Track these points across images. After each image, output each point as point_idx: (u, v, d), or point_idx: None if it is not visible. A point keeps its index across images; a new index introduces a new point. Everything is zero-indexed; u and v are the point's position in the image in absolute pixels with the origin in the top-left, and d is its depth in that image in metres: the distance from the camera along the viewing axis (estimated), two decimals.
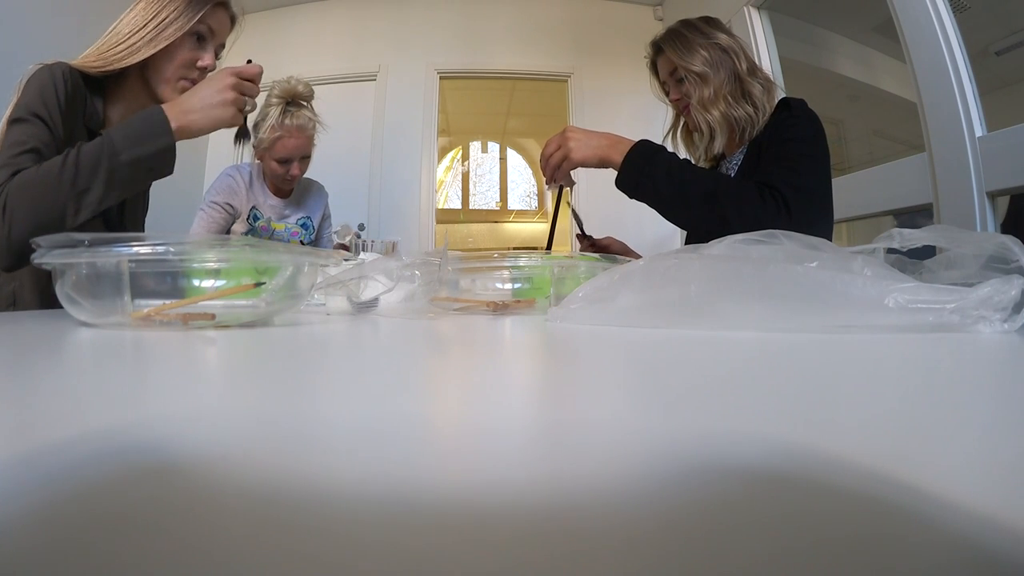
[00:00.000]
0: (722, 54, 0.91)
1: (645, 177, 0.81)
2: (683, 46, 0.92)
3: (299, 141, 1.25)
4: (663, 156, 0.82)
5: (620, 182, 0.84)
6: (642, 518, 0.09)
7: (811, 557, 0.08)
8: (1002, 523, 0.08)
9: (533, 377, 0.26)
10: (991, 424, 0.15)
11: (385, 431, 0.14)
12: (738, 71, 0.90)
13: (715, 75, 0.90)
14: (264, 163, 1.29)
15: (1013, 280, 0.34)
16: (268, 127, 1.23)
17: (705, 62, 0.90)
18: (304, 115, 1.25)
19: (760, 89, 0.90)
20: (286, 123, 1.23)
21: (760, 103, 0.90)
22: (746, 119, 0.89)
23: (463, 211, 5.80)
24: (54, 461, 0.11)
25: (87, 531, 0.08)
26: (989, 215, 1.21)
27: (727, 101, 0.89)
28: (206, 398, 0.19)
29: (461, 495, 0.10)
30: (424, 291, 0.58)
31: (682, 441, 0.13)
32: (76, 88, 0.71)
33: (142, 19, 0.75)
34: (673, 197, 0.80)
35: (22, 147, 0.64)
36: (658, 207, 0.83)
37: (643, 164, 0.81)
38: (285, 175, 1.28)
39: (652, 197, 0.82)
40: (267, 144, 1.24)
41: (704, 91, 0.90)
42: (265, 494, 0.10)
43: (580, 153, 0.85)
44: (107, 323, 0.42)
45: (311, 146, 1.29)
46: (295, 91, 1.25)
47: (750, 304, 0.38)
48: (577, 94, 2.78)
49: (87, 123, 0.74)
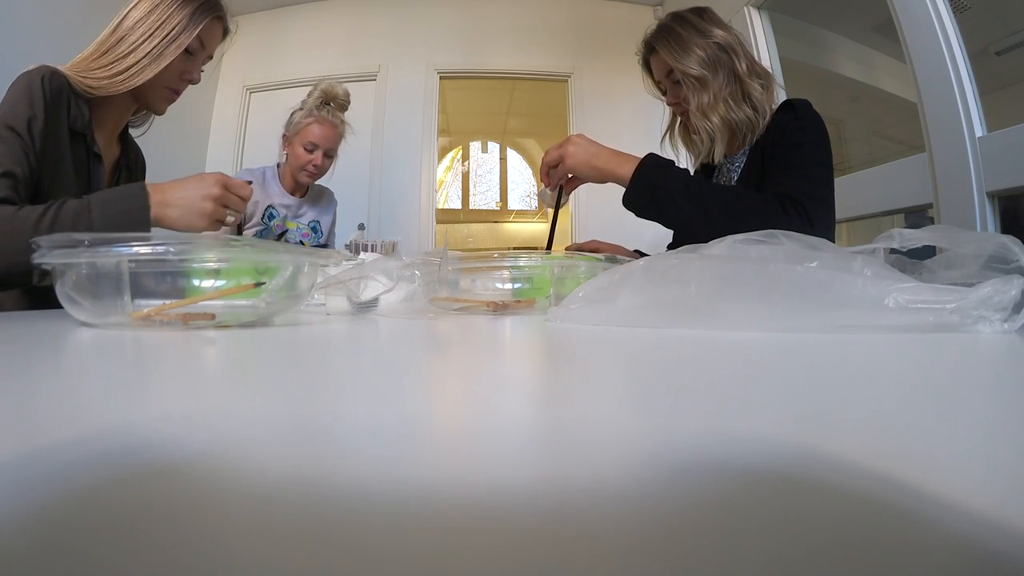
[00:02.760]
0: (720, 52, 0.86)
1: (660, 191, 0.76)
2: (678, 46, 0.87)
3: (328, 131, 1.31)
4: (677, 171, 0.78)
5: (629, 199, 0.79)
6: (642, 518, 0.09)
7: (811, 557, 0.08)
8: (1002, 523, 0.08)
9: (533, 377, 0.25)
10: (991, 424, 0.15)
11: (386, 431, 0.14)
12: (737, 70, 0.86)
13: (714, 77, 0.85)
14: (291, 150, 1.33)
15: (1013, 280, 0.34)
16: (304, 112, 1.30)
17: (703, 63, 0.85)
18: (338, 115, 1.33)
19: (760, 90, 0.87)
20: (321, 113, 1.30)
21: (760, 104, 0.86)
22: (746, 122, 0.86)
23: (463, 211, 5.80)
24: (54, 461, 0.11)
25: (87, 531, 0.08)
26: (989, 215, 1.21)
27: (727, 104, 0.85)
28: (206, 398, 0.19)
29: (461, 495, 0.10)
30: (424, 291, 0.58)
31: (682, 441, 0.13)
32: (59, 91, 0.70)
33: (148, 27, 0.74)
34: (694, 214, 0.74)
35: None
36: (675, 224, 0.79)
37: (658, 178, 0.77)
38: (308, 164, 1.31)
39: (670, 213, 0.77)
40: (299, 129, 1.30)
41: (703, 96, 0.85)
42: (265, 494, 0.10)
43: (575, 160, 0.82)
44: (107, 323, 0.42)
45: (337, 145, 1.35)
46: (336, 93, 1.33)
47: (750, 304, 0.38)
48: (577, 94, 2.78)
49: (72, 125, 0.73)
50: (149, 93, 0.79)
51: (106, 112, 0.80)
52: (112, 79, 0.73)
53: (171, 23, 0.74)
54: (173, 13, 0.75)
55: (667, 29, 0.89)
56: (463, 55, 2.82)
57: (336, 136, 1.33)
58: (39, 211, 0.62)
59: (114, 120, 0.83)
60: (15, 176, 0.65)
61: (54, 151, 0.70)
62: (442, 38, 2.82)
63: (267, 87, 2.70)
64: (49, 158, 0.69)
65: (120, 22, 0.75)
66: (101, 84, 0.73)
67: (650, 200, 0.78)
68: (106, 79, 0.73)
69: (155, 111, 0.85)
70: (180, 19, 0.75)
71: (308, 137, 1.30)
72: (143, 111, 0.88)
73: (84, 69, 0.73)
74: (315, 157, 1.31)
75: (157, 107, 0.83)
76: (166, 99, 0.82)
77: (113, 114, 0.82)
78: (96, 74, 0.73)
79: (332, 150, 1.34)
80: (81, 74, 0.73)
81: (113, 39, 0.74)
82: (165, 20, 0.74)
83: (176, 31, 0.75)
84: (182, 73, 0.80)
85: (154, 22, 0.74)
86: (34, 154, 0.67)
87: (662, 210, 0.78)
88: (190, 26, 0.75)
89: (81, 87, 0.73)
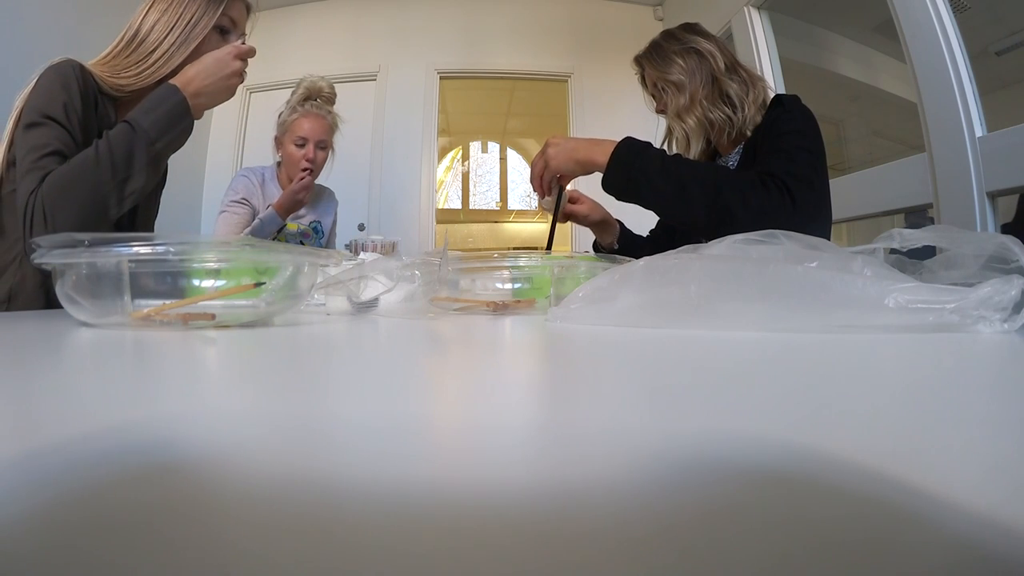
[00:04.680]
0: (699, 59, 0.90)
1: (637, 172, 0.77)
2: (660, 58, 0.92)
3: (316, 123, 1.30)
4: (653, 151, 0.79)
5: (608, 182, 0.80)
6: (642, 518, 0.09)
7: (811, 557, 0.08)
8: (1002, 523, 0.08)
9: (533, 377, 0.25)
10: (991, 424, 0.15)
11: (386, 431, 0.14)
12: (715, 72, 0.89)
13: (691, 81, 0.89)
14: (284, 152, 1.33)
15: (1013, 280, 0.34)
16: (288, 109, 1.31)
17: (681, 70, 0.89)
18: (325, 107, 1.33)
19: (738, 87, 0.89)
20: (305, 106, 1.30)
21: (739, 100, 0.88)
22: (723, 120, 0.88)
23: (463, 211, 5.80)
24: (54, 461, 0.11)
25: (87, 532, 0.08)
26: (989, 215, 1.21)
27: (703, 105, 0.89)
28: (206, 398, 0.19)
29: (461, 495, 0.10)
30: (424, 291, 0.58)
31: (682, 441, 0.13)
32: (87, 86, 0.70)
33: (167, 23, 0.74)
34: (671, 192, 0.75)
35: (44, 150, 0.64)
36: (654, 204, 0.79)
37: (633, 159, 0.78)
38: (301, 160, 1.30)
39: (648, 194, 0.77)
40: (287, 127, 1.31)
41: (680, 100, 0.89)
42: (266, 494, 0.10)
43: (558, 160, 0.83)
44: (107, 323, 0.42)
45: (329, 136, 1.34)
46: (319, 87, 1.33)
47: (750, 304, 0.38)
48: (577, 94, 2.78)
49: (100, 123, 0.73)
50: None
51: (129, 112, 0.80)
52: (141, 74, 0.73)
53: (189, 12, 0.75)
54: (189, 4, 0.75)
55: (655, 45, 0.96)
56: (463, 55, 2.82)
57: (325, 127, 1.31)
58: (89, 153, 0.62)
59: None
60: (63, 155, 0.65)
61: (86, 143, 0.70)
62: (442, 38, 2.83)
63: (267, 87, 2.71)
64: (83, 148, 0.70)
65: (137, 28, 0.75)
66: (131, 81, 0.73)
67: (626, 181, 0.78)
68: (134, 75, 0.73)
69: None
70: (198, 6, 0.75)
71: (296, 132, 1.29)
72: None
73: (111, 69, 0.73)
74: (307, 151, 1.29)
75: None
76: None
77: None
78: (125, 73, 0.73)
79: (324, 141, 1.32)
80: (108, 74, 0.73)
81: (134, 43, 0.74)
82: (183, 11, 0.75)
83: (196, 17, 0.75)
84: None
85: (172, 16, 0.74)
86: (73, 142, 0.67)
87: (639, 190, 0.78)
88: (210, 9, 0.76)
89: (110, 86, 0.73)
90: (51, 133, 0.65)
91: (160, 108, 0.66)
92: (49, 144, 0.64)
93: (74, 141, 0.67)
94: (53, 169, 0.63)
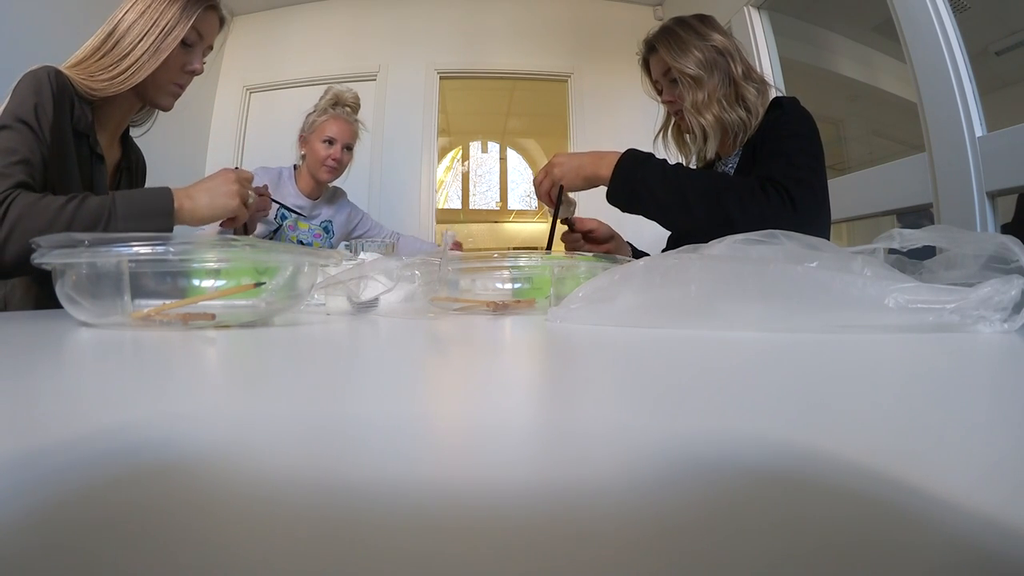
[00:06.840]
0: (717, 56, 0.89)
1: (639, 184, 0.79)
2: (677, 46, 0.90)
3: (344, 127, 1.37)
4: (655, 162, 0.81)
5: (612, 195, 0.82)
6: (642, 518, 0.09)
7: (811, 557, 0.08)
8: (1002, 523, 0.08)
9: (533, 377, 0.25)
10: (991, 424, 0.15)
11: (386, 430, 0.14)
12: (733, 74, 0.89)
13: (709, 78, 0.88)
14: (309, 148, 1.38)
15: (1013, 280, 0.34)
16: (318, 112, 1.38)
17: (699, 64, 0.88)
18: (351, 115, 1.42)
19: (755, 93, 0.89)
20: (335, 110, 1.38)
21: (754, 107, 0.88)
22: (739, 123, 0.88)
23: (463, 211, 5.80)
24: (54, 461, 0.11)
25: (87, 531, 0.08)
26: (989, 215, 1.21)
27: (720, 105, 0.88)
28: (206, 398, 0.19)
29: (462, 494, 0.10)
30: (424, 291, 0.58)
31: (682, 441, 0.13)
32: (63, 90, 0.71)
33: (143, 25, 0.75)
34: (673, 202, 0.77)
35: (13, 156, 0.65)
36: (657, 215, 0.81)
37: (635, 171, 0.79)
38: (328, 158, 1.35)
39: (650, 204, 0.80)
40: (315, 127, 1.36)
41: (698, 94, 0.88)
42: (266, 494, 0.10)
43: (565, 180, 0.85)
44: (107, 323, 0.42)
45: (354, 141, 1.41)
46: (345, 97, 1.41)
47: (750, 304, 0.38)
48: (577, 94, 2.77)
49: (75, 126, 0.73)
50: (153, 89, 0.80)
51: (108, 114, 0.80)
52: (113, 80, 0.74)
53: (165, 18, 0.76)
54: (166, 9, 0.76)
55: (668, 30, 0.93)
56: (463, 55, 2.82)
57: (352, 132, 1.39)
58: (62, 200, 0.63)
59: (116, 122, 0.84)
60: (31, 163, 0.66)
61: (60, 147, 0.71)
62: (442, 38, 2.82)
63: (267, 87, 2.70)
64: (56, 153, 0.70)
65: (115, 26, 0.75)
66: (103, 85, 0.74)
67: (630, 193, 0.80)
68: (107, 80, 0.74)
69: (161, 107, 0.86)
70: (173, 13, 0.76)
71: (326, 132, 1.35)
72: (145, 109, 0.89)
73: (85, 72, 0.74)
74: (334, 151, 1.35)
75: (163, 103, 0.84)
76: (171, 94, 0.83)
77: (115, 116, 0.82)
78: (98, 76, 0.74)
79: (350, 144, 1.39)
80: (83, 77, 0.73)
81: (110, 43, 0.75)
82: (159, 17, 0.75)
83: (171, 24, 0.76)
84: (183, 65, 0.81)
85: (148, 20, 0.75)
86: (45, 146, 0.68)
87: (642, 201, 0.80)
88: (184, 18, 0.77)
89: (84, 89, 0.74)
90: (19, 138, 0.66)
91: (141, 200, 0.68)
92: (17, 150, 0.65)
93: (43, 145, 0.68)
94: (21, 179, 0.64)
